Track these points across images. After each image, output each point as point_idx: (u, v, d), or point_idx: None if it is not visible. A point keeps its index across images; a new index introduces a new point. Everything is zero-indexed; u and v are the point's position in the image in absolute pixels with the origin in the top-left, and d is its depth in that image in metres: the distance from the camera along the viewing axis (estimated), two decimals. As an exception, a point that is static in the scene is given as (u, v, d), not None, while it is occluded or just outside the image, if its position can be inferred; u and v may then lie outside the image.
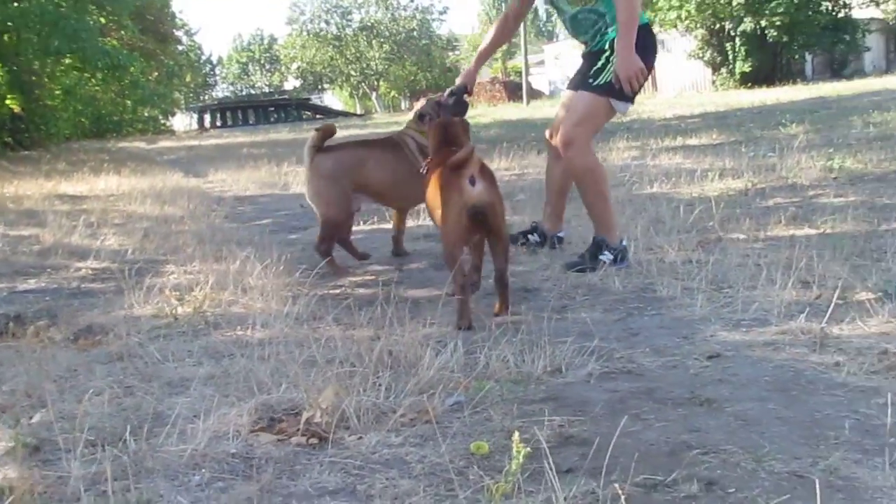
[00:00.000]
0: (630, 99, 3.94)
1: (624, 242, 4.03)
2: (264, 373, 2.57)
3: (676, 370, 2.52)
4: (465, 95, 4.35)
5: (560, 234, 4.57)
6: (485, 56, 4.55)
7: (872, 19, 34.56)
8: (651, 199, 5.82)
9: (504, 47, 54.29)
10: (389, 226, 5.70)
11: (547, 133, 4.41)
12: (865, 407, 2.11)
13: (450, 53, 54.49)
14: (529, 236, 4.56)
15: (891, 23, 36.59)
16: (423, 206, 4.32)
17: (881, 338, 2.67)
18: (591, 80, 3.94)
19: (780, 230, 4.48)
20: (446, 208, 3.18)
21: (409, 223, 5.67)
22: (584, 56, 4.12)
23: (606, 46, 3.92)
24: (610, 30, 3.91)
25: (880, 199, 5.32)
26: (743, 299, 3.18)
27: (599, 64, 3.93)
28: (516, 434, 1.65)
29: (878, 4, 34.06)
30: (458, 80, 4.41)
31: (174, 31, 36.58)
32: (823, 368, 2.45)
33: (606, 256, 3.91)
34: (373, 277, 4.19)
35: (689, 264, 3.81)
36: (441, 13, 53.23)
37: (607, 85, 3.89)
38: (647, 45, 3.90)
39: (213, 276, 3.95)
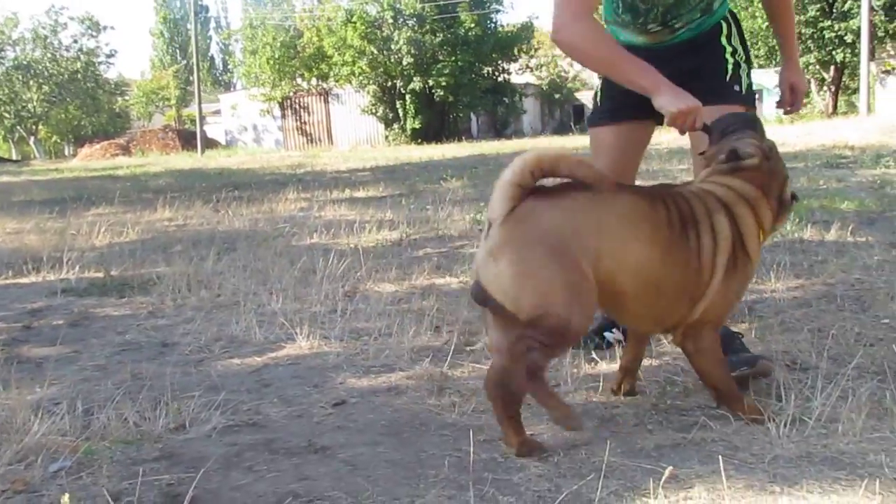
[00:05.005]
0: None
1: None
2: None
3: (301, 419, 2.54)
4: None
5: None
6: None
7: (528, 84, 38.16)
8: (308, 250, 5.88)
9: (177, 93, 52.98)
10: (27, 280, 5.26)
11: None
12: (467, 444, 2.25)
13: (118, 98, 51.85)
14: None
15: (545, 88, 40.57)
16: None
17: (494, 378, 2.87)
18: (736, 88, 2.77)
19: (424, 279, 4.72)
20: None
21: (34, 277, 5.25)
22: (669, 52, 2.77)
23: (724, 30, 2.78)
24: (716, 3, 2.77)
25: (516, 249, 5.79)
26: (376, 346, 3.29)
27: (729, 61, 2.77)
28: (66, 496, 1.56)
29: (532, 71, 37.65)
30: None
31: None
32: (439, 410, 2.59)
33: None
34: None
35: (332, 314, 3.89)
36: (109, 56, 50.07)
37: (752, 90, 2.83)
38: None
39: None
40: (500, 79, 35.59)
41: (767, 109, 34.61)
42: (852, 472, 2.03)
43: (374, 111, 34.51)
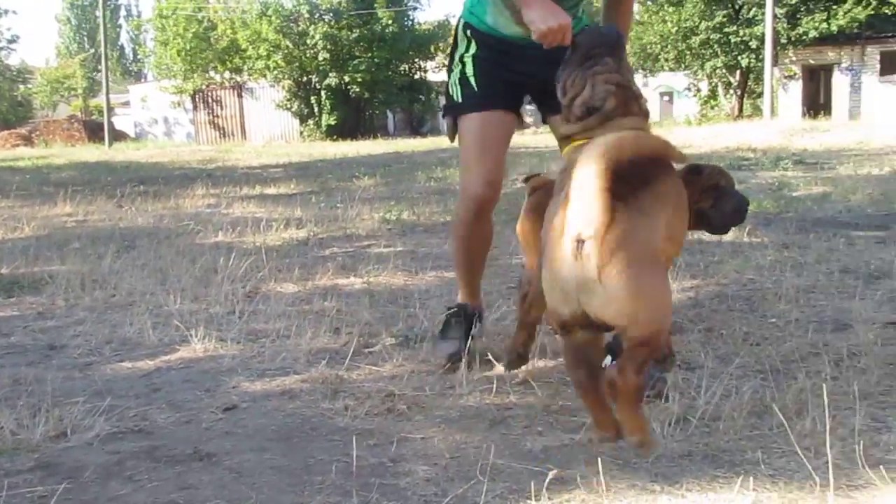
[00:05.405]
0: None
1: None
2: None
3: (188, 425, 2.49)
4: None
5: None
6: None
7: (444, 82, 38.28)
8: (212, 249, 5.77)
9: (84, 83, 51.30)
10: None
11: None
12: (358, 449, 2.23)
13: (20, 86, 49.97)
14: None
15: (458, 87, 40.72)
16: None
17: (390, 381, 2.86)
18: None
19: (327, 279, 4.67)
20: None
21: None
22: (543, 51, 2.63)
23: None
24: (580, 11, 2.89)
25: (423, 248, 5.79)
26: (273, 349, 3.24)
27: None
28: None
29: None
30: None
31: None
32: (331, 414, 2.57)
33: None
34: None
35: (231, 315, 3.82)
36: (10, 42, 48.16)
37: None
38: None
39: None
40: (416, 76, 35.61)
41: (678, 111, 35.48)
42: (731, 469, 2.09)
43: (288, 106, 34.10)
